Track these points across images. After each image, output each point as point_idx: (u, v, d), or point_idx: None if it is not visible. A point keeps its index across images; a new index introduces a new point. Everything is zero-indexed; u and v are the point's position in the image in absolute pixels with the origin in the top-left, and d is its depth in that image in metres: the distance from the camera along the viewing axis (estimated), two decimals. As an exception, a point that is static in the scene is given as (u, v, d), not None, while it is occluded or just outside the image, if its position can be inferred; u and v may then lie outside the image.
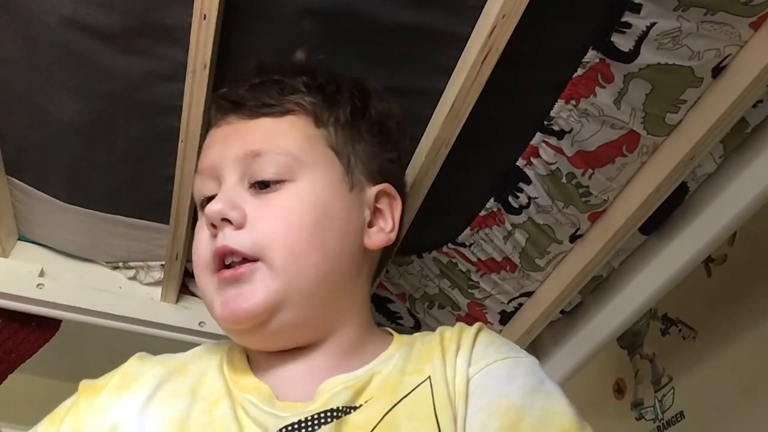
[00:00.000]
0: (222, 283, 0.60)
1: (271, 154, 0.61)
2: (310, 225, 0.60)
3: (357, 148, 0.65)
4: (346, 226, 0.63)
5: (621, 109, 0.74)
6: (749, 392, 1.07)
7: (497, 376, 0.59)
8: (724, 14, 0.65)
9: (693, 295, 1.19)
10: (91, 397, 0.64)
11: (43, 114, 0.80)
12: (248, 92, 0.65)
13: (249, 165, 0.62)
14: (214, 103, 0.68)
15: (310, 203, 0.61)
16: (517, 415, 0.55)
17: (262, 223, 0.60)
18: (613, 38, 0.69)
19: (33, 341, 0.99)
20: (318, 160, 0.63)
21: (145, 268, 1.01)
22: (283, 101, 0.64)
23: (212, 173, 0.63)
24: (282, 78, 0.66)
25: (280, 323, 0.60)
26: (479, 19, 0.68)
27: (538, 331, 1.03)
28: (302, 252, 0.59)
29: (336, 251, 0.62)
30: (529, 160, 0.84)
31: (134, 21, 0.70)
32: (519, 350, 0.64)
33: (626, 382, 1.36)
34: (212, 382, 0.62)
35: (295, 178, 0.61)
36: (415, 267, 1.01)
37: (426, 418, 0.56)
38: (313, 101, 0.65)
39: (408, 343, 0.64)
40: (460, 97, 0.71)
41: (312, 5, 0.69)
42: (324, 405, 0.57)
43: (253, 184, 0.62)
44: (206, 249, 0.61)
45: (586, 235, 0.90)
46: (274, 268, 0.59)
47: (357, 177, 0.65)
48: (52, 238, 1.00)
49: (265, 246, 0.59)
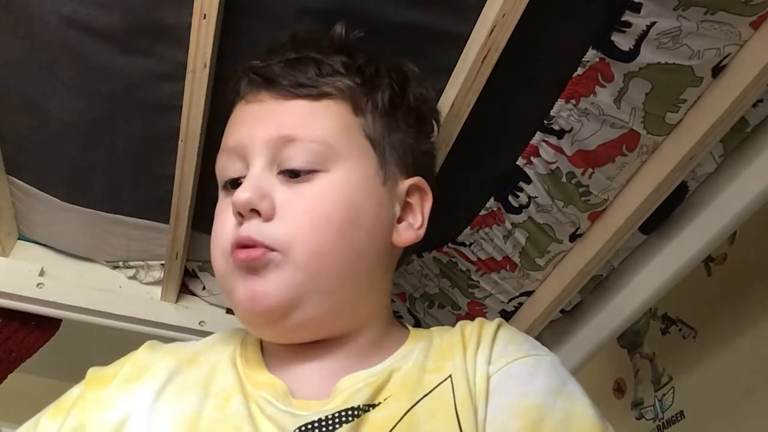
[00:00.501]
0: (237, 264, 0.58)
1: (306, 141, 0.58)
2: (339, 223, 0.57)
3: (393, 138, 0.62)
4: (376, 222, 0.60)
5: (621, 108, 0.74)
6: (749, 392, 1.06)
7: (518, 374, 0.57)
8: (724, 14, 0.65)
9: (693, 294, 1.19)
10: (99, 389, 0.61)
11: (43, 113, 0.80)
12: (284, 69, 0.61)
13: (280, 150, 0.58)
14: (246, 76, 0.64)
15: (341, 198, 0.58)
16: (539, 416, 0.54)
17: (290, 216, 0.57)
18: (613, 37, 0.69)
19: (33, 341, 0.99)
20: (353, 151, 0.60)
21: (145, 267, 1.01)
22: (320, 83, 0.60)
23: (239, 153, 0.60)
24: (320, 56, 0.62)
25: (301, 318, 0.58)
26: (479, 19, 0.68)
27: (538, 330, 1.03)
28: (328, 252, 0.57)
29: (363, 251, 0.59)
30: (529, 159, 0.84)
31: (134, 20, 0.70)
32: (540, 347, 0.62)
33: (626, 382, 1.36)
34: (225, 377, 0.60)
35: (329, 168, 0.58)
36: (415, 266, 1.01)
37: (447, 418, 0.54)
38: (352, 85, 0.61)
39: (426, 338, 0.62)
40: (460, 97, 0.71)
41: (312, 4, 0.69)
42: (343, 403, 0.55)
43: (283, 171, 0.59)
44: (228, 236, 0.58)
45: (586, 234, 0.90)
46: (296, 263, 0.57)
47: (391, 169, 0.61)
48: (52, 237, 1.00)
49: (291, 242, 0.57)
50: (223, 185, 0.63)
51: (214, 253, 0.61)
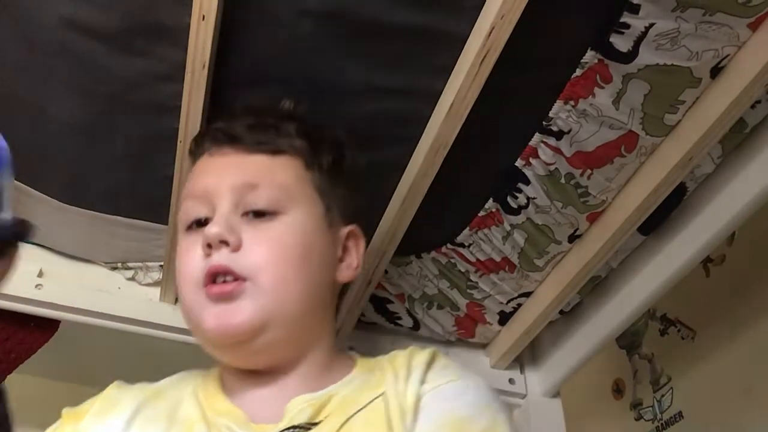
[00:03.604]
0: (211, 297, 0.63)
1: (268, 187, 0.66)
2: (298, 254, 0.65)
3: (336, 192, 0.71)
4: (325, 259, 0.69)
5: (619, 109, 0.74)
6: (748, 392, 1.07)
7: (447, 394, 0.63)
8: (722, 15, 0.66)
9: (692, 295, 1.19)
10: (75, 423, 0.67)
11: (42, 114, 0.80)
12: (246, 130, 0.70)
13: (244, 195, 0.66)
14: (209, 135, 0.72)
15: (299, 235, 0.66)
16: (466, 424, 0.61)
17: (256, 248, 0.64)
18: (612, 39, 0.69)
19: (32, 342, 0.99)
20: (306, 198, 0.69)
21: (143, 268, 1.01)
22: (278, 142, 0.69)
23: (206, 198, 0.67)
24: (277, 122, 0.71)
25: (265, 342, 0.64)
26: (478, 20, 0.68)
27: (536, 331, 1.03)
28: (289, 278, 0.64)
29: (317, 281, 0.67)
30: (527, 160, 0.84)
31: (133, 21, 0.70)
32: (471, 374, 0.68)
33: (625, 383, 1.36)
34: (187, 407, 0.66)
35: (287, 211, 0.66)
36: (414, 267, 1.01)
37: (381, 427, 0.60)
38: (304, 146, 0.70)
39: (369, 368, 0.69)
40: (458, 98, 0.71)
41: (311, 6, 0.69)
42: (289, 422, 0.61)
43: (247, 212, 0.66)
44: (197, 268, 0.64)
45: (584, 235, 0.90)
46: (262, 289, 0.63)
47: (334, 217, 0.70)
48: (51, 238, 1.00)
49: (258, 269, 0.63)
50: (187, 227, 0.68)
51: (183, 287, 0.66)
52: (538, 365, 1.13)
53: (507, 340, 1.08)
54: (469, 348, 1.14)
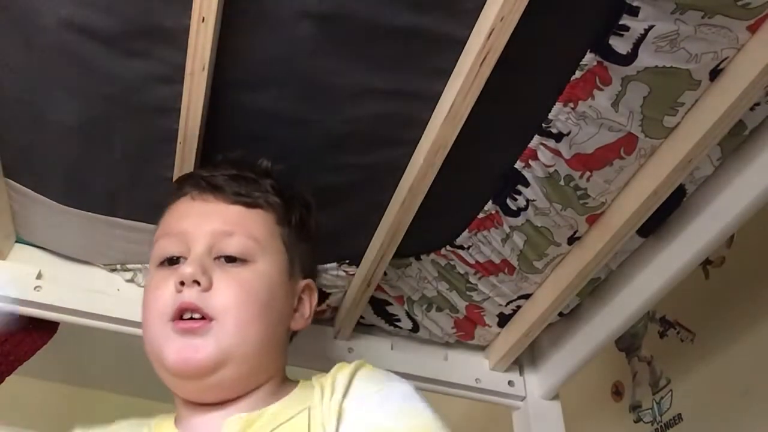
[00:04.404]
0: (177, 331, 0.68)
1: (242, 236, 0.72)
2: (261, 301, 0.71)
3: (300, 248, 0.78)
4: (283, 308, 0.74)
5: (619, 111, 0.75)
6: (747, 394, 1.07)
7: (369, 405, 0.67)
8: (721, 17, 0.66)
9: (691, 297, 1.19)
10: None
11: (41, 116, 0.80)
12: (227, 181, 0.76)
13: (219, 241, 0.71)
14: (192, 180, 0.77)
15: (264, 283, 0.72)
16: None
17: (225, 290, 0.69)
18: (611, 41, 0.69)
19: (30, 344, 0.99)
20: (274, 250, 0.74)
21: (143, 270, 1.01)
22: (256, 196, 0.75)
23: (183, 239, 0.72)
24: (255, 177, 0.77)
25: (220, 378, 0.68)
26: (477, 22, 0.68)
27: (536, 333, 1.03)
28: (252, 321, 0.69)
29: (274, 326, 0.72)
30: (527, 162, 0.84)
31: (133, 23, 0.70)
32: (395, 379, 0.71)
33: (624, 385, 1.36)
34: None
35: (256, 260, 0.72)
36: (413, 269, 1.01)
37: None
38: (277, 202, 0.76)
39: (305, 387, 0.73)
40: (458, 100, 0.71)
41: (310, 8, 0.69)
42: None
43: (219, 256, 0.71)
44: (167, 303, 0.69)
45: (584, 237, 0.90)
46: (226, 330, 0.68)
47: (296, 270, 0.77)
48: (50, 240, 1.00)
49: (224, 310, 0.68)
50: (160, 263, 0.73)
51: (150, 318, 0.71)
52: (538, 367, 1.13)
53: (506, 343, 1.08)
54: (468, 350, 1.14)
